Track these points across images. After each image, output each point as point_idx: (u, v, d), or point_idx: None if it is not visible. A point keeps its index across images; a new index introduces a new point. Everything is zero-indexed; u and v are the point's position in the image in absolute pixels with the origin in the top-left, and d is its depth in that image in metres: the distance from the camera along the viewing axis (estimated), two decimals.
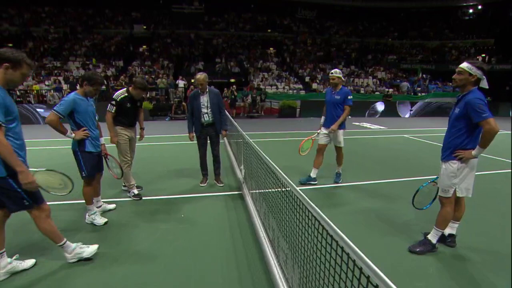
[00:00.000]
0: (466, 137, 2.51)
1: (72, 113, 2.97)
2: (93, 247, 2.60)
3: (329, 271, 1.37)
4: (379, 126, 11.93)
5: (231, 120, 5.70)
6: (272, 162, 2.26)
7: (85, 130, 3.04)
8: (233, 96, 14.59)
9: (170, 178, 4.85)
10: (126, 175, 3.88)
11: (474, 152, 2.45)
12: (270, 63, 21.16)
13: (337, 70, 4.37)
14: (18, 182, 2.09)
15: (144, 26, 23.93)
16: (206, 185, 4.50)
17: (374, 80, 20.65)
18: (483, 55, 23.95)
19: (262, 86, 17.62)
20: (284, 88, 18.19)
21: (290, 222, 1.93)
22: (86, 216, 3.28)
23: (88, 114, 3.08)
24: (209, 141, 4.40)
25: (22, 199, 2.18)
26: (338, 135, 4.37)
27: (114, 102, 3.69)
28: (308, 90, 18.39)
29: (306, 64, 21.65)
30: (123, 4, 25.10)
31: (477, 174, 2.63)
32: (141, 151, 5.85)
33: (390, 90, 19.06)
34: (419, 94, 18.69)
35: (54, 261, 2.55)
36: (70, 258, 2.51)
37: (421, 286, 2.30)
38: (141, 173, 4.94)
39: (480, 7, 27.65)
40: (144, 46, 21.42)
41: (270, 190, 2.47)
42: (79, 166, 3.12)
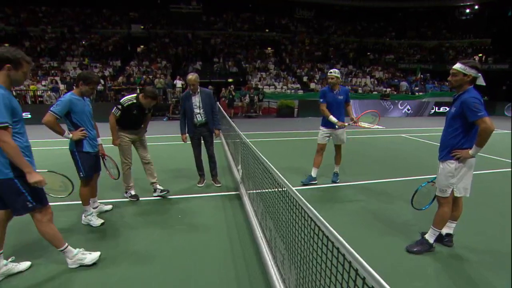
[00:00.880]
0: (463, 136, 2.51)
1: (69, 113, 2.96)
2: (95, 254, 2.54)
3: (325, 272, 1.36)
4: (377, 126, 11.93)
5: (229, 120, 5.69)
6: (268, 163, 2.25)
7: (82, 130, 3.03)
8: (231, 96, 14.57)
9: (167, 179, 4.83)
10: (126, 177, 3.86)
11: (471, 151, 2.46)
12: (268, 63, 21.15)
13: (336, 70, 4.37)
14: (24, 183, 2.09)
15: (142, 26, 23.84)
16: (203, 185, 4.50)
17: (372, 79, 20.68)
18: (480, 55, 24.05)
19: (260, 86, 17.61)
20: (282, 88, 18.18)
21: (287, 222, 1.92)
22: (83, 217, 3.26)
23: (85, 114, 3.06)
24: (203, 141, 4.39)
25: (26, 201, 2.15)
26: (341, 134, 4.43)
27: (120, 107, 3.61)
28: (306, 90, 18.40)
29: (304, 64, 21.65)
30: (121, 4, 25.00)
31: (474, 173, 2.64)
32: None
33: (388, 89, 19.11)
34: (417, 94, 18.74)
35: (51, 263, 2.53)
36: (71, 263, 2.46)
37: (419, 286, 2.30)
38: (138, 173, 4.91)
39: (477, 7, 27.78)
40: (142, 46, 21.36)
41: (267, 190, 2.46)
42: (77, 166, 3.10)
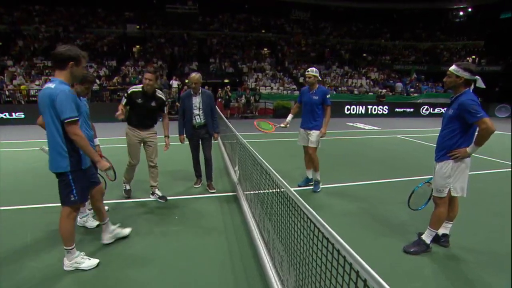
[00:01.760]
0: (460, 137, 2.53)
1: None
2: (94, 261, 2.49)
3: (325, 274, 1.35)
4: (373, 127, 12.02)
5: (225, 121, 5.66)
6: (266, 163, 2.24)
7: None
8: (227, 96, 14.54)
9: (164, 180, 4.79)
10: (127, 171, 3.94)
11: (468, 149, 2.48)
12: (264, 64, 21.16)
13: (313, 68, 4.13)
14: (76, 178, 2.28)
15: (137, 26, 23.67)
16: (200, 186, 4.46)
17: (368, 80, 20.81)
18: (473, 57, 24.34)
19: (256, 87, 17.61)
20: (278, 88, 18.20)
21: (285, 223, 1.91)
22: (78, 218, 3.20)
23: (81, 115, 3.01)
24: (201, 143, 4.29)
25: (71, 195, 2.30)
26: (313, 135, 4.15)
27: (126, 94, 3.67)
28: None
29: (300, 64, 21.70)
30: (116, 3, 24.81)
31: (469, 174, 2.66)
32: None
33: (384, 90, 19.25)
34: (412, 95, 18.91)
35: (49, 265, 2.49)
36: (67, 265, 2.42)
37: (417, 286, 2.30)
38: (141, 175, 4.85)
39: (470, 10, 28.13)
40: (137, 46, 21.21)
41: (265, 191, 2.45)
42: None
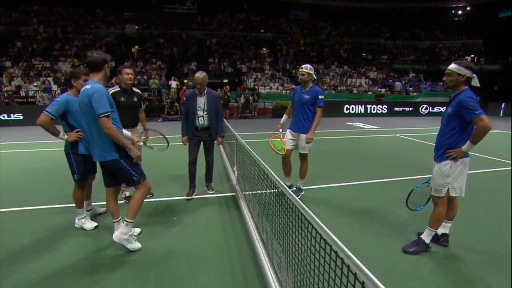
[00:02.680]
0: (458, 136, 2.52)
1: (64, 114, 2.93)
2: (137, 244, 2.75)
3: (323, 276, 1.34)
4: (372, 126, 12.02)
5: (224, 121, 5.64)
6: (264, 164, 2.23)
7: (78, 132, 2.97)
8: (226, 96, 14.52)
9: (162, 180, 4.78)
10: None
11: (464, 147, 2.47)
12: (264, 63, 21.15)
13: (308, 65, 3.83)
14: (128, 162, 2.57)
15: (136, 26, 23.64)
16: (192, 198, 4.01)
17: (367, 80, 20.81)
18: (472, 56, 24.34)
19: (255, 86, 17.59)
20: (277, 88, 18.19)
21: (284, 224, 1.90)
22: (76, 220, 3.19)
23: (81, 115, 3.01)
24: (203, 147, 4.04)
25: (132, 176, 2.62)
26: (303, 139, 3.85)
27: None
28: None
29: (299, 64, 21.68)
30: (115, 3, 24.78)
31: (468, 173, 2.65)
32: None
33: (383, 90, 19.25)
34: (411, 94, 18.92)
35: (46, 266, 2.47)
36: (119, 236, 2.66)
37: (417, 286, 2.29)
38: None
39: (469, 9, 28.14)
40: (136, 46, 21.18)
41: (263, 192, 2.44)
42: (72, 169, 3.05)
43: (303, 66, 3.85)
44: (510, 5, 23.33)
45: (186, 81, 16.65)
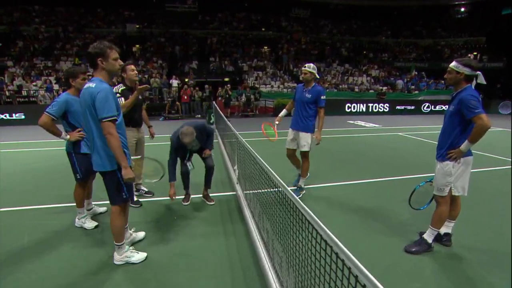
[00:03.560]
0: (461, 134, 2.49)
1: (65, 114, 2.92)
2: (142, 254, 2.58)
3: (324, 277, 1.32)
4: (374, 124, 11.96)
5: (225, 119, 5.63)
6: (264, 163, 2.21)
7: (80, 131, 2.97)
8: (227, 95, 14.50)
9: (163, 180, 4.76)
10: None
11: (462, 147, 2.44)
12: (265, 62, 21.10)
13: (311, 64, 3.85)
14: (122, 176, 2.24)
15: (137, 25, 23.63)
16: (189, 203, 3.82)
17: (369, 78, 20.72)
18: (475, 53, 24.18)
19: (256, 85, 17.55)
20: (278, 87, 18.14)
21: (284, 224, 1.88)
22: (76, 219, 3.19)
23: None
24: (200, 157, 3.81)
25: (122, 192, 2.34)
26: (303, 138, 3.87)
27: (118, 94, 3.37)
28: None
29: (300, 62, 21.63)
30: (116, 3, 24.77)
31: (471, 171, 2.62)
32: None
33: (384, 88, 19.17)
34: (412, 92, 18.84)
35: (46, 266, 2.46)
36: (118, 260, 2.49)
37: (418, 287, 2.27)
38: None
39: (471, 6, 27.94)
40: (137, 45, 21.17)
41: (264, 191, 2.42)
42: (74, 168, 3.05)
43: (306, 65, 3.85)
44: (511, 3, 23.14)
45: (187, 80, 16.64)
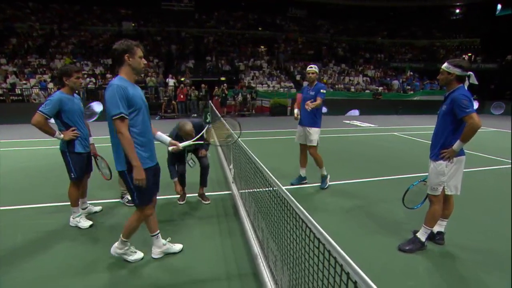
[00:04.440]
0: (453, 134, 2.53)
1: (59, 113, 2.88)
2: (139, 254, 2.57)
3: (317, 275, 1.33)
4: (369, 124, 12.04)
5: (221, 119, 5.62)
6: (260, 162, 2.22)
7: (74, 130, 2.94)
8: (223, 94, 14.49)
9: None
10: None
11: (454, 146, 2.48)
12: (261, 61, 21.10)
13: (314, 65, 4.20)
14: (132, 180, 2.16)
15: (133, 24, 23.49)
16: (184, 202, 3.84)
17: (365, 78, 20.83)
18: (470, 54, 24.43)
19: (253, 84, 17.55)
20: (274, 87, 18.17)
21: (279, 223, 1.89)
22: (71, 219, 3.16)
23: (75, 113, 2.98)
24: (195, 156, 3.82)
25: (133, 195, 2.30)
26: (310, 133, 4.18)
27: None
28: (299, 88, 18.43)
29: (297, 62, 21.68)
30: (112, 1, 24.58)
31: (464, 171, 2.65)
32: None
33: (380, 88, 19.29)
34: (408, 92, 18.99)
35: (39, 266, 2.45)
36: (115, 251, 2.50)
37: (412, 285, 2.30)
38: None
39: (466, 8, 28.21)
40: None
41: (259, 190, 2.43)
42: (68, 167, 3.02)
43: (312, 66, 4.17)
44: (507, 4, 23.39)
45: (183, 79, 16.59)
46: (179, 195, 3.85)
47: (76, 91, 3.08)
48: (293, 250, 1.64)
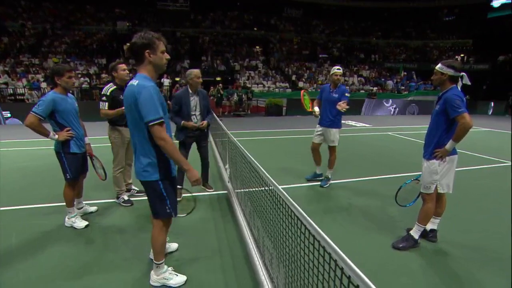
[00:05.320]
0: (445, 133, 2.58)
1: (53, 113, 2.83)
2: (182, 277, 2.27)
3: (313, 271, 1.36)
4: (364, 124, 12.14)
5: (217, 119, 5.63)
6: (255, 161, 2.24)
7: (69, 130, 2.92)
8: (219, 94, 14.47)
9: None
10: (117, 180, 3.64)
11: (447, 146, 2.53)
12: (257, 62, 21.13)
13: (340, 66, 4.27)
14: (168, 187, 2.04)
15: (127, 23, 23.33)
16: (181, 199, 3.78)
17: (359, 78, 20.99)
18: (462, 55, 24.78)
19: (248, 85, 17.57)
20: (269, 87, 18.20)
21: (275, 221, 1.92)
22: (66, 219, 3.15)
23: (70, 113, 2.94)
24: (196, 146, 3.94)
25: (166, 206, 2.08)
26: (332, 134, 4.29)
27: (105, 98, 3.33)
28: (294, 88, 18.50)
29: (292, 62, 21.75)
30: (105, 0, 24.38)
31: (456, 170, 2.71)
32: None
33: (375, 88, 19.44)
34: (402, 93, 19.17)
35: (34, 267, 2.44)
36: (154, 280, 2.22)
37: (406, 282, 2.34)
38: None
39: (459, 9, 28.61)
40: (128, 44, 20.86)
41: (254, 189, 2.45)
42: (63, 168, 2.99)
43: (339, 67, 4.24)
44: (500, 7, 23.76)
45: (178, 79, 16.53)
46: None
47: (69, 91, 3.06)
48: (288, 247, 1.66)
